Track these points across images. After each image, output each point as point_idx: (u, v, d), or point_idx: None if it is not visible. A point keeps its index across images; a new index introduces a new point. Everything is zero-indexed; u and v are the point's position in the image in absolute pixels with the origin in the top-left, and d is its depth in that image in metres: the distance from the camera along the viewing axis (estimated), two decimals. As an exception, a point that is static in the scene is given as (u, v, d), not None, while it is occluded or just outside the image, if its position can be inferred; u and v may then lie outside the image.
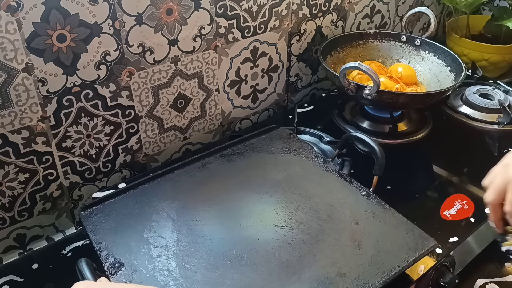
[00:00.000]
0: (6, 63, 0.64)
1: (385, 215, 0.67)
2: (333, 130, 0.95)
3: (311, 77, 1.11)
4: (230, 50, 0.90)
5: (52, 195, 0.77)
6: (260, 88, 1.01)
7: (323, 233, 0.64)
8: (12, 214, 0.74)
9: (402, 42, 1.07)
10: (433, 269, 0.67)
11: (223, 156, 0.79)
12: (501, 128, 0.99)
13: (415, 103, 0.93)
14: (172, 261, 0.60)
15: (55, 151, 0.74)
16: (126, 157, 0.85)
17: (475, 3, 1.21)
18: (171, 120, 0.88)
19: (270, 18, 0.93)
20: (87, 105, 0.75)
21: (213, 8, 0.83)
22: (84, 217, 0.67)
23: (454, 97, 1.09)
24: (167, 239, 0.63)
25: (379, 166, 0.71)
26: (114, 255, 0.60)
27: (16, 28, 0.63)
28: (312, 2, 0.99)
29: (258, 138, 0.84)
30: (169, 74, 0.83)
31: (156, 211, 0.67)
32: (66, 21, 0.67)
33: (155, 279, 0.57)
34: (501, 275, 0.71)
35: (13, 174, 0.71)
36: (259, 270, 0.58)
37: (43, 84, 0.69)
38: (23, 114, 0.68)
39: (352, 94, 0.86)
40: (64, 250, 0.72)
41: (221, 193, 0.71)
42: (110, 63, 0.74)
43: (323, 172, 0.75)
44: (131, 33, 0.74)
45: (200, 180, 0.74)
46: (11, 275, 0.69)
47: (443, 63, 1.01)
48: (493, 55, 1.20)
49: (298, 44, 1.03)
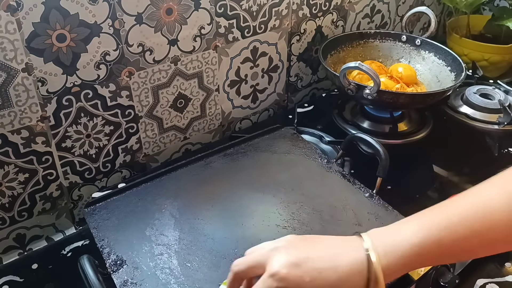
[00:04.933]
0: (6, 63, 0.64)
1: (388, 217, 0.67)
2: (333, 130, 0.95)
3: (311, 77, 1.11)
4: (230, 50, 0.90)
5: (52, 195, 0.77)
6: (260, 88, 1.01)
7: (325, 234, 0.63)
8: (12, 214, 0.74)
9: (403, 42, 1.07)
10: (433, 269, 0.66)
11: (227, 155, 0.79)
12: (501, 128, 0.99)
13: (416, 103, 0.93)
14: (174, 259, 0.60)
15: (54, 151, 0.74)
16: (126, 157, 0.85)
17: (475, 3, 1.21)
18: (171, 120, 0.88)
19: (270, 18, 0.93)
20: (87, 105, 0.75)
21: (213, 8, 0.83)
22: (87, 214, 0.67)
23: (455, 97, 1.09)
24: (169, 237, 0.63)
25: (383, 168, 0.71)
26: (116, 252, 0.61)
27: (16, 28, 0.63)
28: (312, 2, 0.99)
29: (262, 137, 0.84)
30: (169, 74, 0.83)
31: (159, 209, 0.68)
32: (66, 21, 0.67)
33: (157, 277, 0.57)
34: (501, 275, 0.71)
35: (13, 174, 0.71)
36: (259, 270, 0.58)
37: (43, 84, 0.68)
38: (23, 114, 0.68)
39: (352, 94, 0.86)
40: (64, 250, 0.72)
41: (223, 192, 0.71)
42: (110, 63, 0.74)
43: (327, 173, 0.75)
44: (131, 33, 0.74)
45: (203, 179, 0.74)
46: (11, 275, 0.68)
47: (443, 63, 1.01)
48: (494, 55, 1.20)
49: (298, 44, 1.03)
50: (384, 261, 0.43)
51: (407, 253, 0.43)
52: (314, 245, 0.46)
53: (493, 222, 0.42)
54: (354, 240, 0.45)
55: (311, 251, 0.45)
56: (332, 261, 0.44)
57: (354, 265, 0.43)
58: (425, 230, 0.43)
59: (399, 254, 0.43)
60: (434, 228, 0.43)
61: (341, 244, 0.46)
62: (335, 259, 0.44)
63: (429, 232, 0.43)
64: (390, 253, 0.43)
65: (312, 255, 0.44)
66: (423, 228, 0.43)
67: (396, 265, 0.43)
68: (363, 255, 0.43)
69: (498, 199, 0.42)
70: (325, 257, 0.44)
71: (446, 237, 0.42)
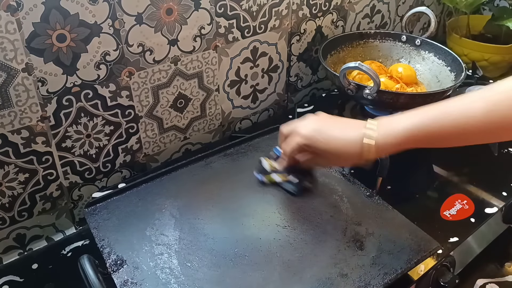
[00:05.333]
0: (6, 63, 0.64)
1: (388, 217, 0.67)
2: (333, 130, 0.95)
3: (311, 77, 1.11)
4: (230, 50, 0.90)
5: (52, 195, 0.77)
6: (260, 88, 1.01)
7: (325, 234, 0.64)
8: (12, 214, 0.74)
9: (402, 42, 1.07)
10: (433, 269, 0.67)
11: (227, 156, 0.79)
12: (501, 128, 0.99)
13: (416, 103, 0.91)
14: (174, 259, 0.60)
15: (55, 151, 0.74)
16: (126, 157, 0.85)
17: (475, 3, 1.21)
18: (171, 120, 0.88)
19: (270, 18, 0.93)
20: (87, 105, 0.75)
21: (213, 8, 0.83)
22: (87, 214, 0.67)
23: (454, 97, 1.09)
24: (169, 237, 0.63)
25: (383, 167, 0.71)
26: (117, 252, 0.61)
27: (16, 28, 0.63)
28: (312, 2, 0.99)
29: (262, 138, 0.84)
30: (169, 74, 0.83)
31: (159, 209, 0.68)
32: (66, 21, 0.67)
33: (157, 277, 0.57)
34: (501, 275, 0.71)
35: (13, 174, 0.71)
36: (260, 270, 0.58)
37: (43, 84, 0.68)
38: (23, 114, 0.68)
39: (352, 94, 0.86)
40: (64, 250, 0.72)
41: (224, 192, 0.71)
42: (110, 63, 0.74)
43: (326, 172, 0.75)
44: (131, 33, 0.74)
45: (203, 179, 0.74)
46: (11, 275, 0.69)
47: (443, 63, 1.01)
48: (493, 55, 1.20)
49: (298, 44, 1.03)
50: (381, 137, 0.58)
51: (400, 134, 0.57)
52: (332, 120, 0.65)
53: (470, 119, 0.53)
54: (362, 121, 0.61)
55: (329, 123, 0.63)
56: (341, 131, 0.62)
57: (354, 136, 0.60)
58: (417, 119, 0.57)
59: (394, 133, 0.57)
60: (425, 118, 0.56)
61: (351, 122, 0.63)
62: (343, 131, 0.62)
63: (420, 121, 0.56)
64: (387, 131, 0.58)
65: (329, 126, 0.63)
66: (416, 118, 0.57)
67: (389, 139, 0.58)
68: (363, 131, 0.59)
69: (478, 102, 0.54)
70: (336, 129, 0.62)
71: (431, 125, 0.56)
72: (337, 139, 0.61)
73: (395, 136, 0.57)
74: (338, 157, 0.62)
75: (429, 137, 0.56)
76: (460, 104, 0.55)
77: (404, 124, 0.57)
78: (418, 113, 0.57)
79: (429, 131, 0.56)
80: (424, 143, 0.57)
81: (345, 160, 0.64)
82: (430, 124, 0.56)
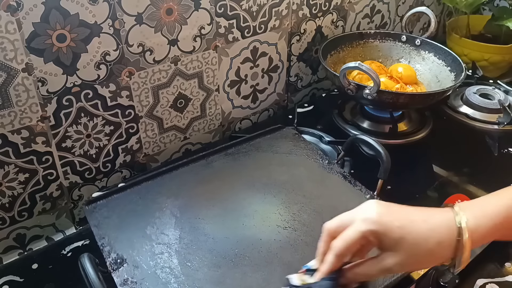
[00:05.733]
0: (6, 63, 0.64)
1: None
2: (333, 130, 0.95)
3: (311, 77, 1.11)
4: (230, 50, 0.90)
5: (52, 195, 0.77)
6: (260, 88, 1.01)
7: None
8: (12, 214, 0.74)
9: (402, 42, 1.07)
10: (433, 269, 0.66)
11: (228, 155, 0.79)
12: (501, 128, 0.99)
13: (415, 103, 0.93)
14: (174, 258, 0.60)
15: (55, 151, 0.74)
16: (126, 157, 0.85)
17: (475, 3, 1.21)
18: (171, 120, 0.88)
19: (270, 18, 0.93)
20: (87, 105, 0.75)
21: (213, 8, 0.83)
22: (87, 211, 0.67)
23: (454, 97, 1.09)
24: (170, 236, 0.63)
25: (385, 170, 0.71)
26: (117, 250, 0.60)
27: (16, 28, 0.63)
28: (312, 2, 0.99)
29: (264, 137, 0.83)
30: (169, 74, 0.83)
31: (160, 208, 0.67)
32: (66, 21, 0.67)
33: (157, 276, 0.57)
34: (501, 275, 0.71)
35: (13, 174, 0.71)
36: (260, 271, 0.58)
37: (43, 84, 0.68)
38: (23, 114, 0.68)
39: (352, 94, 0.86)
40: (64, 250, 0.72)
41: (225, 192, 0.71)
42: (110, 63, 0.74)
43: (328, 174, 0.75)
44: (131, 33, 0.74)
45: (204, 178, 0.74)
46: (11, 275, 0.68)
47: (443, 63, 1.01)
48: (493, 55, 1.20)
49: (298, 44, 1.03)
50: (472, 222, 0.46)
51: (494, 218, 0.46)
52: (398, 204, 0.50)
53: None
54: (442, 208, 0.49)
55: (398, 206, 0.49)
56: (424, 215, 0.47)
57: (444, 220, 0.46)
58: (507, 203, 0.47)
59: (488, 217, 0.47)
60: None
61: (430, 209, 0.49)
62: (426, 214, 0.47)
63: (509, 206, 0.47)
64: (478, 216, 0.47)
65: (401, 208, 0.49)
66: (505, 202, 0.48)
67: (485, 227, 0.46)
68: (453, 214, 0.47)
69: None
70: (416, 212, 0.48)
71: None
72: (419, 222, 0.46)
73: (491, 217, 0.47)
74: (419, 250, 0.46)
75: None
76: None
77: (494, 206, 0.48)
78: (503, 196, 0.49)
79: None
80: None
81: (430, 254, 0.46)
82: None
